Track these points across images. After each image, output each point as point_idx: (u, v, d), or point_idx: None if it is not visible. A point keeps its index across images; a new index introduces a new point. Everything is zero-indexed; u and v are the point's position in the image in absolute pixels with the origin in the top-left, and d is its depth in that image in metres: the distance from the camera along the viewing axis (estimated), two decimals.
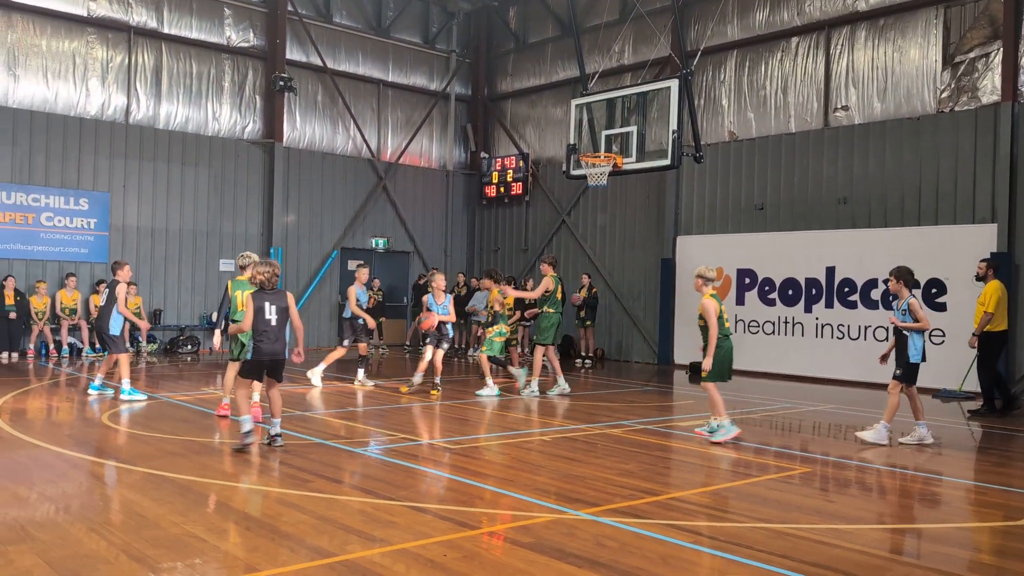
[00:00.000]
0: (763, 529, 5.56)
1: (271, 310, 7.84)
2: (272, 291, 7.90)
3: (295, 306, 8.02)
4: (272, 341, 7.82)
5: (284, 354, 7.97)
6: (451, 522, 5.53)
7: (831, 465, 8.07)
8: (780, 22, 17.18)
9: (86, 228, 17.38)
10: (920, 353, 9.20)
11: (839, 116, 16.27)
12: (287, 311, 7.92)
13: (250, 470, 7.06)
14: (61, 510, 5.76)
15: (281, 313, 7.87)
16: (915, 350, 9.18)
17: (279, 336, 7.88)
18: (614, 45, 19.73)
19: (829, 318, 15.92)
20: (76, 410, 10.18)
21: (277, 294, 7.93)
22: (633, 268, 19.52)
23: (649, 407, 11.90)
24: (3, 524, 5.31)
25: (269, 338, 7.80)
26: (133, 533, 5.10)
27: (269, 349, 7.83)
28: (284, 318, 7.89)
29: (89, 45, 17.71)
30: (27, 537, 5.03)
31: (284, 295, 7.99)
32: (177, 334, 18.47)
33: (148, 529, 5.19)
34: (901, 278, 9.31)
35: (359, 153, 21.65)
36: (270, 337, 7.80)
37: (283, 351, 7.95)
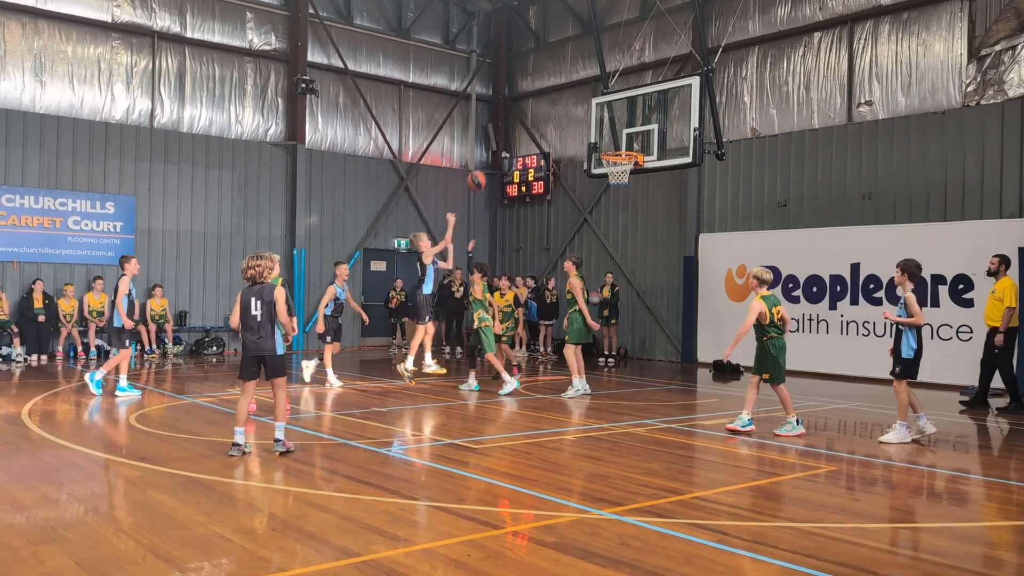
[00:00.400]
0: (788, 528, 5.52)
1: (256, 305, 7.61)
2: (259, 285, 7.66)
3: (283, 301, 7.64)
4: (257, 337, 7.60)
5: (273, 351, 7.63)
6: (475, 522, 5.54)
7: (857, 463, 8.00)
8: (802, 17, 17.05)
9: (112, 231, 17.59)
10: (913, 350, 9.05)
11: (863, 111, 16.12)
12: (274, 306, 7.60)
13: (275, 470, 7.11)
14: (90, 511, 5.84)
15: (267, 308, 7.59)
16: (908, 346, 9.06)
17: (265, 332, 7.60)
18: (634, 43, 19.67)
19: (854, 315, 15.78)
20: (104, 411, 10.30)
21: (264, 288, 7.65)
22: (656, 266, 19.46)
23: (673, 406, 11.86)
24: (33, 524, 5.39)
25: (255, 334, 7.60)
26: (160, 533, 5.16)
27: (254, 345, 7.64)
28: (271, 313, 7.59)
29: (114, 51, 17.93)
30: (57, 538, 5.10)
31: (272, 289, 7.65)
32: (202, 335, 18.65)
33: (175, 529, 5.25)
34: (906, 271, 9.15)
35: (381, 154, 21.75)
36: (256, 333, 7.60)
37: (271, 348, 7.62)
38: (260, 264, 7.67)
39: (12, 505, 5.84)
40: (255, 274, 7.66)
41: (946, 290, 14.59)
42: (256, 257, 7.73)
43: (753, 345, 9.62)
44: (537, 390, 13.20)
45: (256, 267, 7.66)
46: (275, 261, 7.92)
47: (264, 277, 7.72)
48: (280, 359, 7.74)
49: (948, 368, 14.31)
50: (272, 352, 7.65)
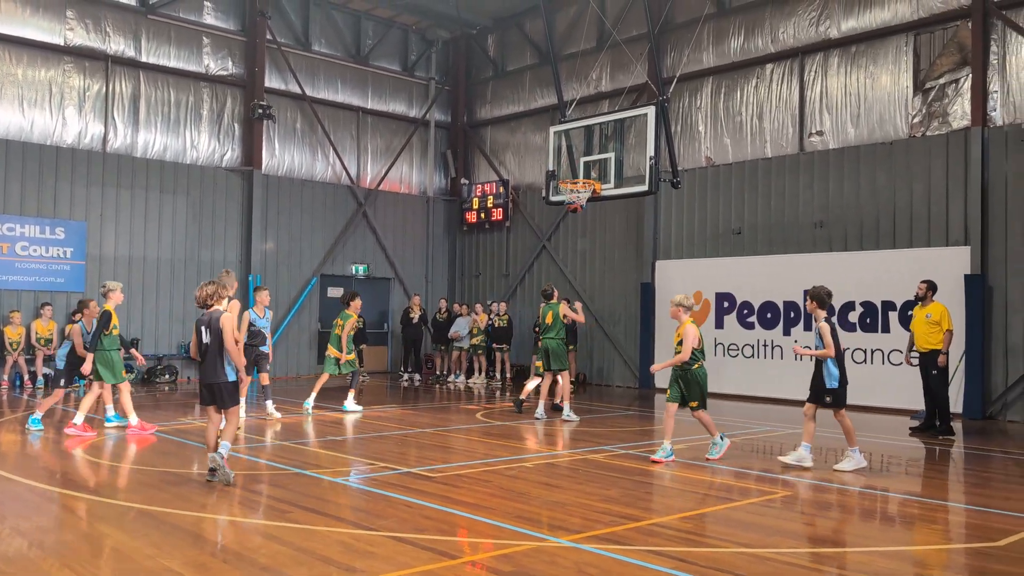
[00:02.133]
0: (744, 554, 5.55)
1: (205, 333, 7.49)
2: (208, 313, 7.53)
3: (229, 329, 7.47)
4: (206, 365, 7.49)
5: (220, 378, 7.46)
6: (432, 551, 5.48)
7: (812, 488, 8.09)
8: (755, 49, 17.43)
9: (62, 257, 17.22)
10: (837, 379, 8.97)
11: (814, 141, 16.48)
12: (221, 334, 7.44)
13: (228, 501, 6.97)
14: (34, 545, 5.66)
15: (215, 336, 7.44)
16: (830, 376, 8.96)
17: (213, 361, 7.46)
18: (591, 72, 19.93)
19: (808, 341, 15.94)
20: (50, 443, 10.02)
21: (212, 316, 7.50)
22: (613, 292, 19.59)
23: (630, 432, 11.89)
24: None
25: (205, 362, 7.49)
26: (107, 568, 5.02)
27: (204, 374, 7.53)
28: (220, 341, 7.43)
29: (66, 74, 17.66)
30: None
31: (219, 317, 7.48)
32: (155, 363, 18.28)
33: (122, 563, 5.11)
34: (815, 299, 9.10)
35: (339, 180, 21.66)
36: (205, 361, 7.49)
37: (222, 377, 7.46)
38: (207, 289, 7.51)
39: None
40: (202, 300, 7.50)
41: (896, 316, 14.90)
42: (208, 283, 7.59)
43: None
44: (495, 417, 13.15)
45: (204, 292, 7.50)
46: (226, 285, 7.75)
47: (212, 302, 7.52)
48: (231, 387, 7.54)
49: (898, 393, 14.58)
50: (222, 381, 7.48)
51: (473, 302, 21.17)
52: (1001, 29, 14.19)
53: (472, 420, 12.72)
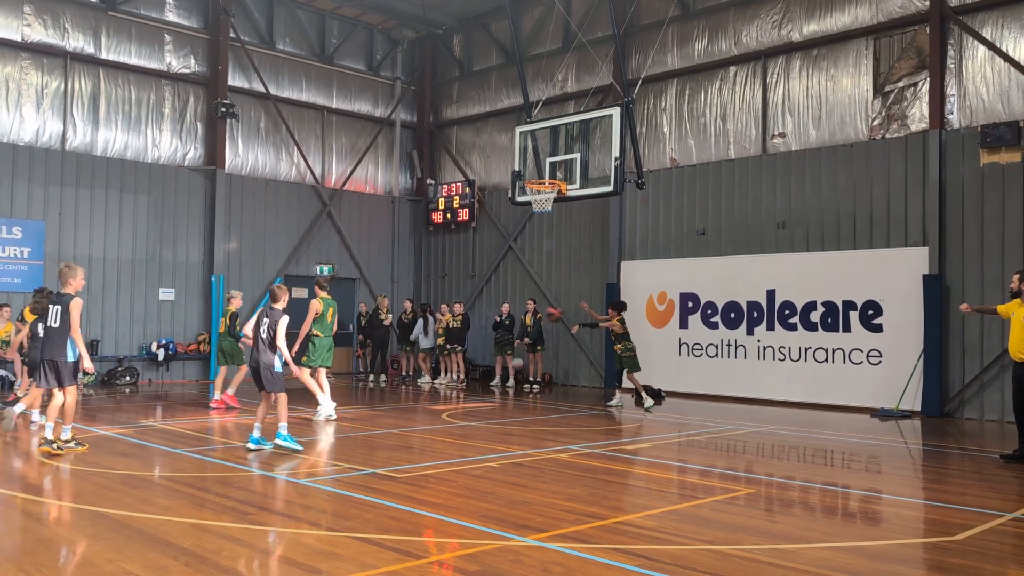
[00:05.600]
0: (708, 551, 5.60)
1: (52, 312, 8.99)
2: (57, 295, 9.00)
3: (73, 311, 8.81)
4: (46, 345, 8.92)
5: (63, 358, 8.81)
6: (397, 552, 5.46)
7: (775, 486, 8.18)
8: (718, 51, 17.59)
9: (19, 257, 16.88)
10: None
11: (776, 143, 16.68)
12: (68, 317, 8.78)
13: (189, 504, 6.88)
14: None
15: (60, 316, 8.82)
16: None
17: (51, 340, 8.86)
18: (557, 73, 19.98)
19: (770, 340, 16.21)
20: (7, 445, 9.82)
21: (60, 297, 8.94)
22: (579, 293, 19.64)
23: (596, 431, 11.94)
24: None
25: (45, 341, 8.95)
26: (67, 572, 4.93)
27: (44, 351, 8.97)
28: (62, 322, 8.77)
29: (23, 70, 17.32)
30: None
31: (65, 298, 8.85)
32: (115, 365, 17.99)
33: (82, 568, 5.02)
34: None
35: (303, 179, 21.48)
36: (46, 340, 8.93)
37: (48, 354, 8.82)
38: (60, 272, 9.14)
39: None
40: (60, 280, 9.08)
41: (856, 315, 15.13)
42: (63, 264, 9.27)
43: None
44: (459, 417, 13.13)
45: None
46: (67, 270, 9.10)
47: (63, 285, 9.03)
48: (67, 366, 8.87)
49: (858, 391, 14.83)
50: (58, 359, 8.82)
51: (439, 303, 21.12)
52: (958, 34, 14.47)
53: (438, 420, 12.69)
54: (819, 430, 12.27)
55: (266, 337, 9.29)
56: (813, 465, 9.62)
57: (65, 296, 8.99)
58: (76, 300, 8.97)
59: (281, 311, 9.46)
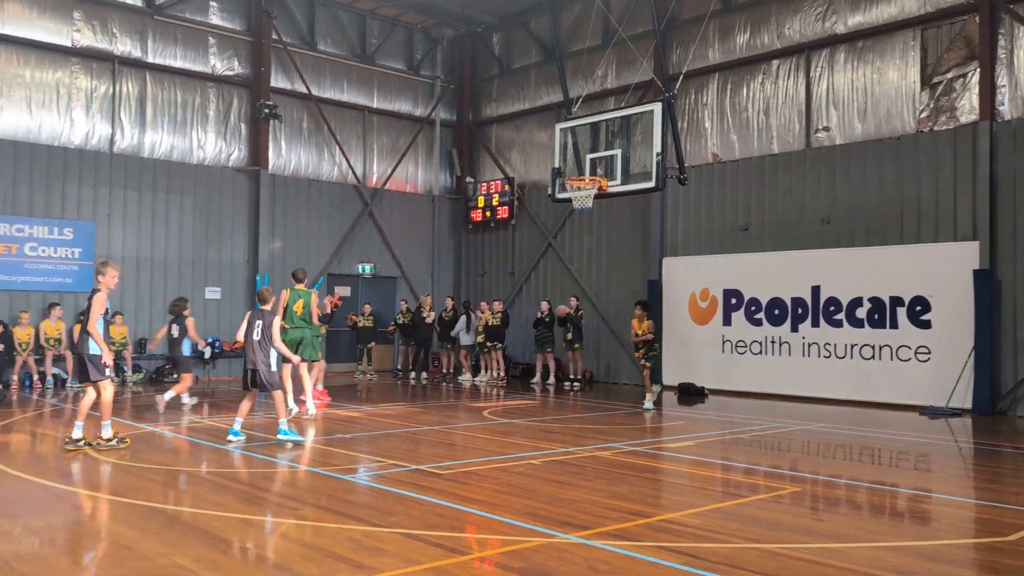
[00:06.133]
0: (754, 549, 5.55)
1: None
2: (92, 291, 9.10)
3: (94, 305, 8.92)
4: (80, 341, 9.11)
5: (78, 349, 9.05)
6: (441, 548, 5.49)
7: (821, 484, 8.08)
8: (760, 45, 17.39)
9: (70, 258, 17.28)
10: None
11: (820, 137, 16.44)
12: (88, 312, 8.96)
13: (237, 499, 6.99)
14: (46, 543, 5.69)
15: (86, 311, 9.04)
16: None
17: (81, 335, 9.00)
18: (597, 69, 19.91)
19: (815, 337, 15.99)
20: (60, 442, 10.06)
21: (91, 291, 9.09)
22: (620, 290, 19.56)
23: (638, 429, 11.89)
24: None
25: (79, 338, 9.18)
26: (119, 566, 5.04)
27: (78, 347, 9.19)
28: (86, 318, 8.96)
29: (73, 75, 17.72)
30: (11, 571, 4.96)
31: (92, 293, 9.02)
32: (163, 363, 18.33)
33: (135, 561, 5.13)
34: None
35: (345, 179, 21.69)
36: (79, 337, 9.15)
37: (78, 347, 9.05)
38: None
39: None
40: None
41: (904, 312, 14.86)
42: None
43: None
44: (501, 414, 13.16)
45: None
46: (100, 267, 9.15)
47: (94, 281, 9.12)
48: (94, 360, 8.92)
49: (906, 389, 14.56)
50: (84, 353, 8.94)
51: (479, 300, 21.18)
52: (1009, 23, 14.13)
53: (479, 418, 12.73)
54: (866, 428, 12.08)
55: (259, 339, 9.67)
56: (860, 463, 9.48)
57: (94, 290, 9.08)
58: (99, 295, 8.93)
59: (272, 312, 9.91)
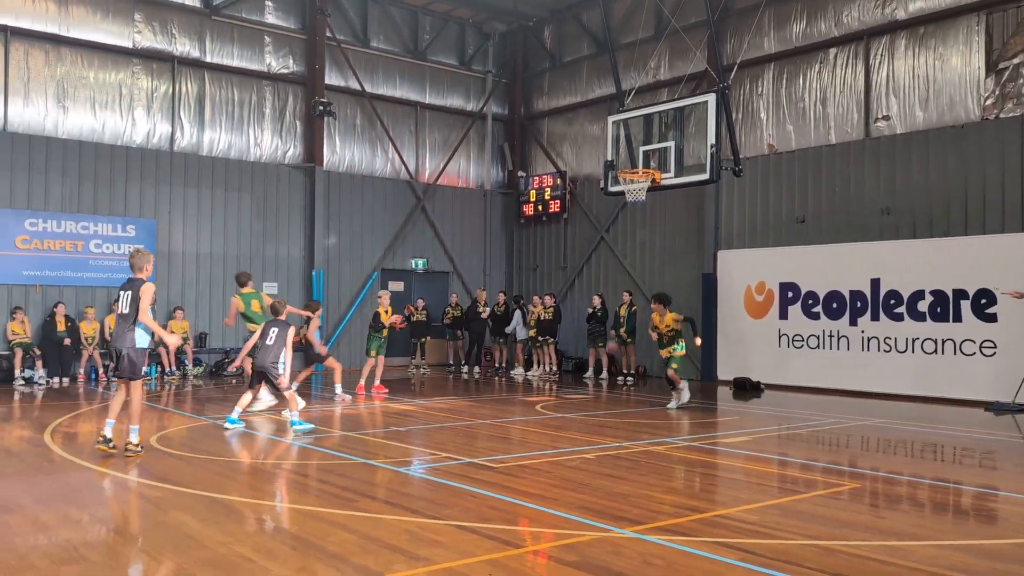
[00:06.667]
0: (812, 546, 5.46)
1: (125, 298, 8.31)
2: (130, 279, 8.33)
3: (144, 296, 8.14)
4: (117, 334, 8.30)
5: (118, 344, 8.22)
6: (495, 540, 5.51)
7: (881, 481, 7.91)
8: (817, 33, 17.05)
9: None
10: None
11: (880, 126, 16.06)
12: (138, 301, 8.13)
13: (295, 490, 7.11)
14: (112, 531, 5.86)
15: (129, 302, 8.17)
16: None
17: (121, 328, 8.23)
18: (650, 61, 19.73)
19: (875, 331, 15.65)
20: (125, 433, 10.33)
21: (133, 282, 8.28)
22: (674, 284, 19.36)
23: (693, 424, 11.78)
24: (56, 545, 5.41)
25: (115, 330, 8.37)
26: (182, 554, 5.16)
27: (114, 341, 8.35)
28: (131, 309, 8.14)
29: (134, 76, 18.17)
30: (79, 558, 5.11)
31: (139, 285, 8.20)
32: (223, 357, 18.73)
33: (196, 549, 5.25)
34: None
35: (397, 175, 21.87)
36: (116, 330, 8.35)
37: (126, 343, 8.17)
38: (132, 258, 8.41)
39: (35, 526, 5.86)
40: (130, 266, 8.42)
41: (968, 305, 14.45)
42: None
43: None
44: (553, 409, 13.15)
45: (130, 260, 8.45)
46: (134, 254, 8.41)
47: (136, 271, 8.32)
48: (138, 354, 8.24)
49: (970, 384, 14.17)
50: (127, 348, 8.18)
51: (531, 295, 21.18)
52: None
53: (532, 412, 12.75)
54: (928, 424, 11.80)
55: (271, 344, 10.30)
56: (922, 460, 9.26)
57: (137, 281, 8.31)
58: (149, 284, 8.33)
59: (287, 323, 10.55)
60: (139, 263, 8.36)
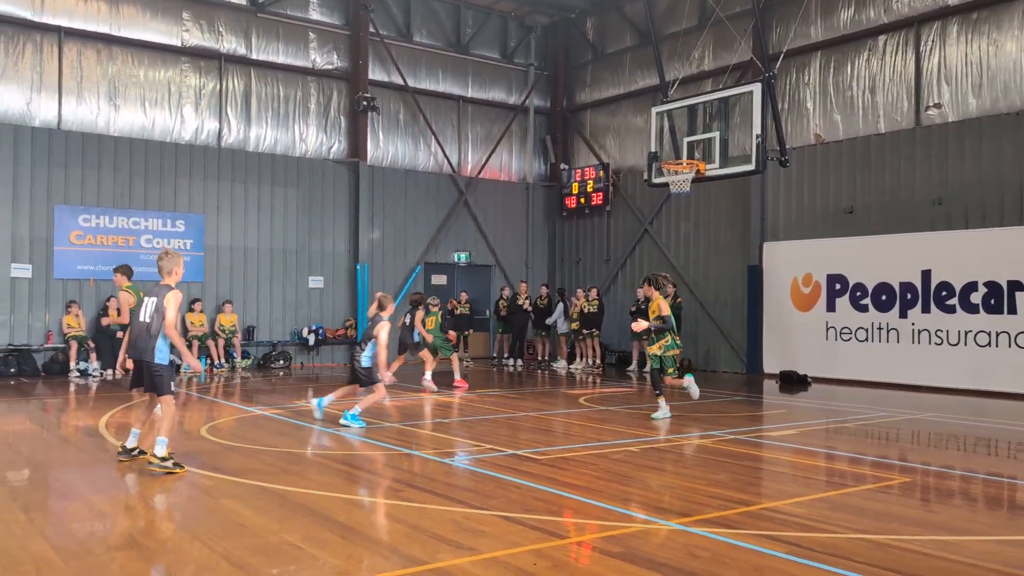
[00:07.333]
0: (862, 540, 5.39)
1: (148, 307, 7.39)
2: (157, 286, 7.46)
3: (170, 304, 7.29)
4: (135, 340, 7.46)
5: (138, 356, 7.38)
6: (540, 531, 5.53)
7: (932, 475, 7.77)
8: (866, 20, 16.73)
9: (183, 249, 18.05)
10: None
11: (931, 114, 15.72)
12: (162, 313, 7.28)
13: (343, 480, 7.20)
14: (166, 519, 6.00)
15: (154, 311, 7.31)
16: None
17: (141, 336, 7.37)
18: (693, 51, 19.54)
19: (926, 323, 15.34)
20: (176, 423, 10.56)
21: (159, 290, 7.41)
22: (719, 276, 19.21)
23: (738, 417, 11.68)
24: (113, 532, 5.56)
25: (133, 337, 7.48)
26: (234, 541, 5.27)
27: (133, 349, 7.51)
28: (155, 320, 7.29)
29: (183, 74, 18.49)
30: (135, 544, 5.25)
31: (163, 290, 7.37)
32: (270, 350, 19.02)
33: (248, 537, 5.36)
34: None
35: (440, 169, 21.97)
36: (134, 336, 7.48)
37: (146, 355, 7.31)
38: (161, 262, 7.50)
39: (92, 513, 6.03)
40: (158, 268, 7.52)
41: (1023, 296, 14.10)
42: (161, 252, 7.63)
43: None
44: (597, 401, 13.12)
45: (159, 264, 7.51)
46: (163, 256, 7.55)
47: (164, 274, 7.48)
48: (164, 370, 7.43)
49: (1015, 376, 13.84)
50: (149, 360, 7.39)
51: (574, 288, 21.15)
52: None
53: (575, 404, 12.74)
54: (981, 418, 11.54)
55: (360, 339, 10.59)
56: (975, 454, 9.07)
57: (163, 288, 7.44)
58: (175, 292, 7.44)
59: (385, 318, 10.53)
60: (168, 266, 7.52)
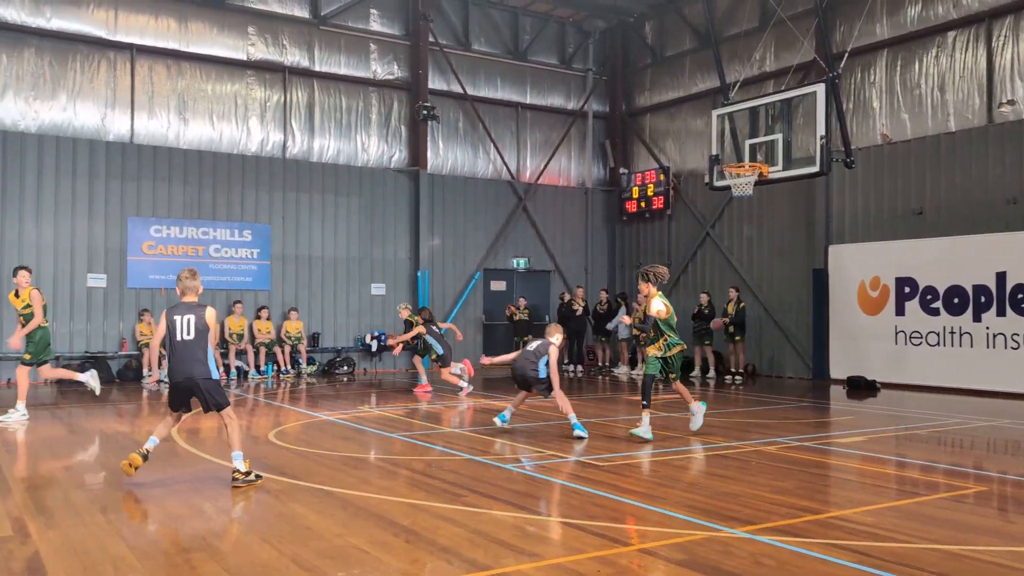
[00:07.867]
0: (934, 550, 5.24)
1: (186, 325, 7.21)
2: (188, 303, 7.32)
3: (213, 323, 7.26)
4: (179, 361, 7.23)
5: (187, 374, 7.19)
6: (603, 538, 5.52)
7: (1010, 484, 7.51)
8: (934, 16, 16.30)
9: (250, 258, 18.52)
10: None
11: (1005, 111, 15.23)
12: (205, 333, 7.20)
13: (406, 485, 7.28)
14: (236, 521, 6.15)
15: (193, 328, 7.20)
16: None
17: (186, 356, 7.20)
18: (755, 53, 19.28)
19: (1001, 327, 14.85)
20: (245, 429, 10.81)
21: (194, 307, 7.30)
22: (783, 280, 18.89)
23: (805, 423, 11.46)
24: (185, 534, 5.72)
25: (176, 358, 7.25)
26: (301, 544, 5.37)
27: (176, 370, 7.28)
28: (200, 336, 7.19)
29: (249, 87, 18.96)
30: (207, 546, 5.40)
31: (200, 309, 7.25)
32: (334, 356, 19.33)
33: (314, 540, 5.46)
34: None
35: (499, 176, 22.07)
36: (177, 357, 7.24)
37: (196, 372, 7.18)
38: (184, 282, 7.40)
39: (166, 515, 6.22)
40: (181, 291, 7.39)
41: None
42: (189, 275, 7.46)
43: None
44: (659, 407, 13.01)
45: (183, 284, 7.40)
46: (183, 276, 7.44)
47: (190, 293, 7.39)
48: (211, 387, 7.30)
49: None
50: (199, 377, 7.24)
51: (634, 293, 20.99)
52: None
53: (637, 411, 12.62)
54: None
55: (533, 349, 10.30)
56: None
57: (199, 307, 7.38)
58: (213, 311, 7.46)
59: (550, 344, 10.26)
60: (196, 284, 7.49)
